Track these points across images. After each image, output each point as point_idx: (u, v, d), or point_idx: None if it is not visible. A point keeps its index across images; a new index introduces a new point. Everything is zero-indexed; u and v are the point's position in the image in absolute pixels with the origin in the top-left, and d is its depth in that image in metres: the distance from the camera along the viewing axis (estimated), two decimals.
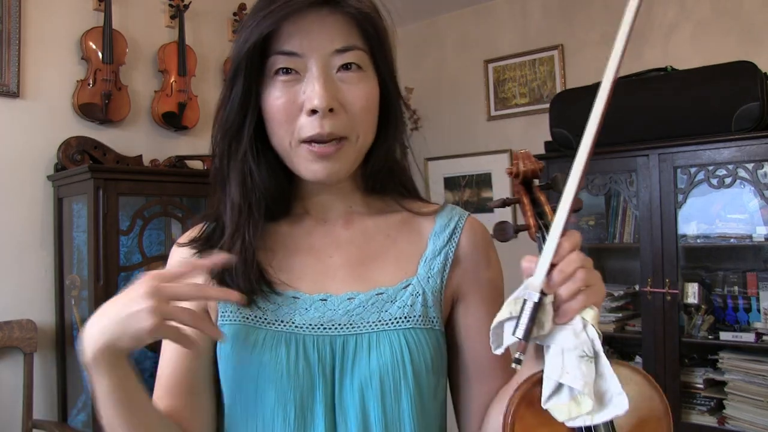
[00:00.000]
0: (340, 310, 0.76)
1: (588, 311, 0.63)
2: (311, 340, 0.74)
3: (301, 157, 0.75)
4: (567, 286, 0.63)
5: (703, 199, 2.45)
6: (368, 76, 0.76)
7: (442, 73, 3.59)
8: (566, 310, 0.63)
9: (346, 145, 0.75)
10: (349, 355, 0.74)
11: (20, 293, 2.42)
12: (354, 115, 0.74)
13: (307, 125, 0.73)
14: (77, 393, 2.47)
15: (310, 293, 0.78)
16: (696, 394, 2.42)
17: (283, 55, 0.74)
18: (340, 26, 0.74)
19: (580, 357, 0.61)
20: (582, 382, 0.60)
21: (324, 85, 0.72)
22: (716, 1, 2.80)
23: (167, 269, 0.70)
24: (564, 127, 2.63)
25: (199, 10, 2.98)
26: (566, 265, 0.63)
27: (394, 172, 0.84)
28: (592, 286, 0.64)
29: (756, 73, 2.23)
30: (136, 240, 2.43)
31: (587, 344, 0.62)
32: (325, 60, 0.73)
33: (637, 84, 2.53)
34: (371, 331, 0.75)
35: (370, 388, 0.73)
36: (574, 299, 0.63)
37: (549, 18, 3.26)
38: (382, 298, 0.77)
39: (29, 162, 2.46)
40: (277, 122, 0.75)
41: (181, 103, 2.83)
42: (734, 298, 2.42)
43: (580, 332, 0.62)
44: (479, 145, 3.47)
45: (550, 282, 0.63)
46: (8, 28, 2.39)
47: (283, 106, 0.74)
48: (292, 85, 0.74)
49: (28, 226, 2.46)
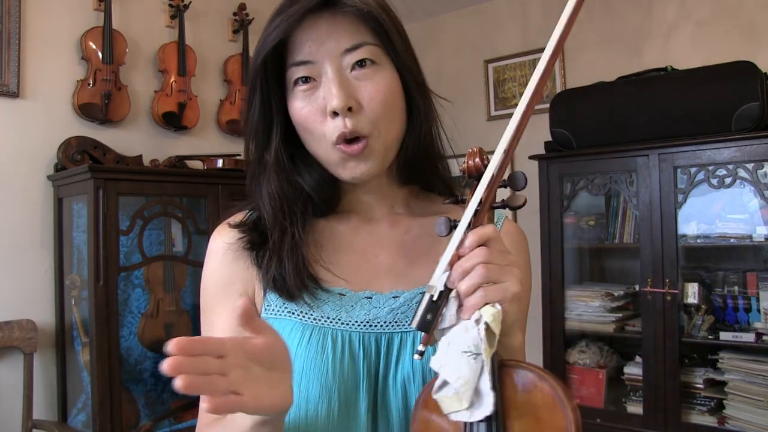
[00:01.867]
0: (386, 308, 0.78)
1: (487, 308, 0.61)
2: (357, 337, 0.76)
3: (336, 160, 0.77)
4: (465, 281, 0.62)
5: (703, 199, 2.45)
6: (384, 69, 0.77)
7: (442, 73, 3.59)
8: (465, 306, 0.62)
9: (371, 142, 0.76)
10: (394, 352, 0.76)
11: (20, 293, 2.42)
12: (374, 111, 0.75)
13: (332, 127, 0.74)
14: (77, 393, 2.47)
15: (356, 290, 0.79)
16: (696, 394, 2.42)
17: (297, 66, 0.76)
18: (345, 26, 0.75)
19: (463, 352, 0.60)
20: (455, 376, 0.60)
21: (339, 85, 0.73)
22: (716, 1, 2.79)
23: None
24: (564, 127, 2.63)
25: (199, 10, 2.98)
26: (465, 261, 0.63)
27: (429, 165, 0.85)
28: (496, 282, 0.62)
29: (756, 73, 2.23)
30: (136, 240, 2.43)
31: (474, 340, 0.60)
32: (337, 61, 0.75)
33: (637, 84, 2.53)
34: (415, 329, 0.76)
35: (412, 384, 0.75)
36: (472, 295, 0.62)
37: (549, 18, 3.25)
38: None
39: (29, 162, 2.46)
40: (306, 131, 0.77)
41: (181, 103, 2.83)
42: (734, 298, 2.42)
43: (472, 328, 0.61)
44: (479, 144, 3.44)
45: (450, 276, 0.63)
46: (8, 28, 2.39)
47: (307, 115, 0.76)
48: (312, 93, 0.76)
49: (28, 226, 2.46)
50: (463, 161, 0.71)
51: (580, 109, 2.62)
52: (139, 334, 2.56)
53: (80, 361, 2.38)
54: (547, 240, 2.74)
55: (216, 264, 0.82)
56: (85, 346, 2.33)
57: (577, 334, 2.77)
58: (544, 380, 0.61)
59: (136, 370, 2.61)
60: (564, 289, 2.73)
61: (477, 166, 0.70)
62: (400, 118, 0.79)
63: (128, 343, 2.57)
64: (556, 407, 0.59)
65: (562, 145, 2.67)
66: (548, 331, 2.74)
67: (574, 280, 2.86)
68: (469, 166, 0.70)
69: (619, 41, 3.02)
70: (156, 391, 2.64)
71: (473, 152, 0.70)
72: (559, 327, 2.73)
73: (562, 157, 2.70)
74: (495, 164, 0.65)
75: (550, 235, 2.73)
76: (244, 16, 3.13)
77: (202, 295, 0.83)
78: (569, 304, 2.74)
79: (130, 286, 2.61)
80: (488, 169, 0.65)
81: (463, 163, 0.71)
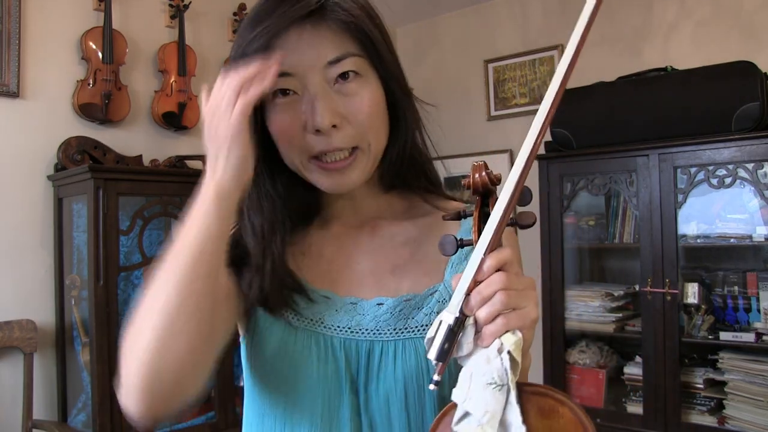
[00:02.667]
0: (369, 316, 0.76)
1: (508, 336, 0.59)
2: (339, 342, 0.75)
3: (314, 173, 0.75)
4: (484, 309, 0.59)
5: (703, 199, 2.45)
6: (368, 80, 0.74)
7: (442, 73, 3.58)
8: (484, 334, 0.60)
9: (359, 154, 0.74)
10: (375, 361, 0.75)
11: (20, 293, 2.42)
12: (360, 125, 0.73)
13: (313, 142, 0.72)
14: (77, 393, 2.47)
15: (341, 295, 0.78)
16: (696, 394, 2.42)
17: (277, 77, 0.70)
18: (329, 37, 0.72)
19: (488, 384, 0.58)
20: (483, 410, 0.57)
21: (322, 102, 0.70)
22: (716, 1, 2.79)
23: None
24: (564, 127, 2.63)
25: (199, 10, 2.98)
26: (485, 287, 0.60)
27: (414, 165, 0.83)
28: (517, 309, 0.60)
29: (756, 73, 2.23)
30: (136, 240, 2.43)
31: (499, 371, 0.58)
32: (319, 75, 0.71)
33: (637, 84, 2.53)
34: (396, 338, 0.75)
35: (395, 395, 0.73)
36: (492, 323, 0.59)
37: (549, 18, 3.26)
38: (410, 304, 0.77)
39: (29, 162, 2.46)
40: (283, 144, 0.74)
41: (181, 103, 2.83)
42: (734, 298, 2.42)
43: (494, 358, 0.58)
44: (479, 145, 3.46)
45: (468, 304, 0.60)
46: (8, 28, 2.39)
47: (286, 128, 0.73)
48: (292, 106, 0.72)
49: (28, 226, 2.46)
50: (467, 176, 0.66)
51: (580, 109, 2.61)
52: None
53: (80, 361, 2.38)
54: (547, 240, 2.74)
55: None
56: (85, 346, 2.33)
57: (577, 334, 2.77)
58: (565, 405, 0.59)
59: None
60: (564, 289, 2.73)
61: (483, 180, 0.65)
62: (385, 128, 0.77)
63: None
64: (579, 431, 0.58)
65: (562, 145, 2.67)
66: (548, 331, 2.74)
67: (574, 280, 2.86)
68: (475, 181, 0.65)
69: (619, 41, 3.02)
70: None
71: (479, 166, 0.66)
72: (559, 327, 2.73)
73: (562, 157, 2.70)
74: (514, 181, 0.61)
75: (550, 235, 2.73)
76: (244, 16, 3.13)
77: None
78: (569, 304, 2.74)
79: (130, 286, 2.61)
80: (507, 188, 0.61)
81: (467, 178, 0.66)
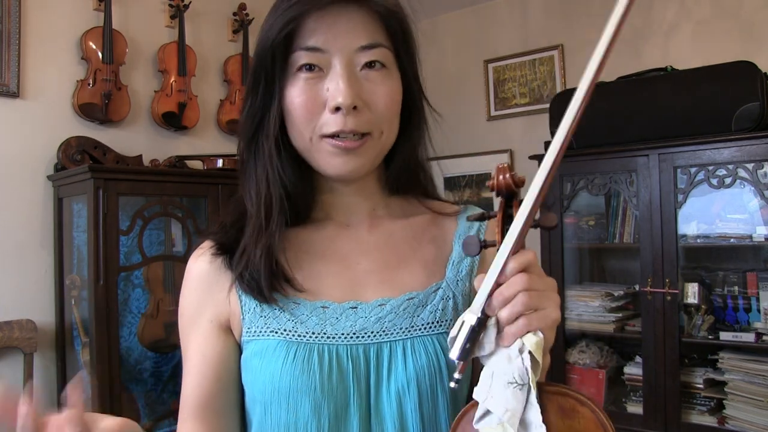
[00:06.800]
0: (372, 318, 0.75)
1: (529, 336, 0.60)
2: (344, 350, 0.73)
3: (322, 152, 0.74)
4: (506, 309, 0.60)
5: (703, 199, 2.45)
6: (392, 74, 0.75)
7: (442, 73, 3.59)
8: (506, 334, 0.61)
9: (369, 140, 0.74)
10: (384, 362, 0.73)
11: (20, 293, 2.42)
12: (377, 113, 0.73)
13: (330, 122, 0.72)
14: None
15: (339, 301, 0.76)
16: (696, 394, 2.42)
17: (306, 51, 0.72)
18: (366, 22, 0.73)
19: (509, 383, 0.59)
20: (503, 408, 0.58)
21: (348, 82, 0.71)
22: (716, 1, 2.80)
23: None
24: None
25: (199, 10, 2.98)
26: (507, 288, 0.60)
27: (417, 172, 0.84)
28: (538, 310, 0.61)
29: (756, 73, 2.23)
30: (136, 240, 2.43)
31: (519, 371, 0.59)
32: (349, 56, 0.72)
33: (637, 84, 2.53)
34: (405, 337, 0.74)
35: (407, 394, 0.72)
36: (513, 323, 0.60)
37: (549, 18, 3.26)
38: (414, 302, 0.76)
39: (29, 162, 2.46)
40: (298, 119, 0.74)
41: (181, 103, 2.83)
42: (734, 298, 2.42)
43: (515, 358, 0.59)
44: (479, 145, 3.47)
45: (491, 305, 0.61)
46: (8, 28, 2.39)
47: (305, 103, 0.72)
48: (316, 82, 0.72)
49: (28, 226, 2.46)
50: (491, 177, 0.66)
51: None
52: (139, 334, 2.55)
53: (80, 361, 2.38)
54: (547, 240, 2.74)
55: (189, 289, 0.81)
56: (85, 346, 2.33)
57: (577, 334, 2.77)
58: (585, 405, 0.60)
59: (136, 370, 2.60)
60: (564, 289, 2.73)
61: (507, 182, 0.65)
62: (397, 124, 0.78)
63: (128, 343, 2.56)
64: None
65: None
66: None
67: (574, 280, 2.86)
68: (498, 183, 0.65)
69: (619, 41, 2.97)
70: (156, 391, 2.64)
71: (503, 168, 0.65)
72: (559, 327, 2.72)
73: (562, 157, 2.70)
74: (539, 183, 0.61)
75: (550, 235, 2.73)
76: (244, 16, 3.13)
77: (179, 319, 0.82)
78: (569, 303, 2.74)
79: (130, 286, 2.61)
80: (533, 189, 0.61)
81: (491, 180, 0.66)
